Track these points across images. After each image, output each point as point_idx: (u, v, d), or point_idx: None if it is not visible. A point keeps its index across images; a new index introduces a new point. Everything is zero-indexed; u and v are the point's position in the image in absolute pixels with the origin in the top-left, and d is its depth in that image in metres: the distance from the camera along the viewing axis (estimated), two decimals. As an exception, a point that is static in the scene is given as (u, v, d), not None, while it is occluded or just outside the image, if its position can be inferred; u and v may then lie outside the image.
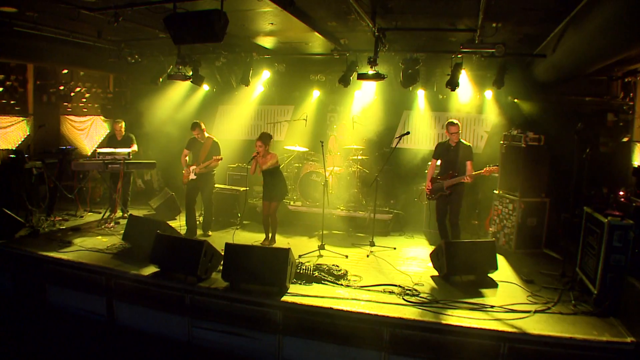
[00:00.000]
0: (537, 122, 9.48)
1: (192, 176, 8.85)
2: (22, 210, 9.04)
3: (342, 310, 5.57)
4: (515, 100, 10.10)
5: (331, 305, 5.64)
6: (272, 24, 7.63)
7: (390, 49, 8.69)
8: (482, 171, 7.50)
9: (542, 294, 6.21)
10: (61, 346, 6.41)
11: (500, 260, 7.82)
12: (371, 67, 7.62)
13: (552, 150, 8.58)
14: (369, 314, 5.47)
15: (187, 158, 9.07)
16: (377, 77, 7.72)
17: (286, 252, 6.04)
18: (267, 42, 9.75)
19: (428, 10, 6.73)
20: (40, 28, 8.73)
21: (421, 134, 11.60)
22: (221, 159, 8.78)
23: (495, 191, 8.98)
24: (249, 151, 12.37)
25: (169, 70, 10.17)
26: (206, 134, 8.97)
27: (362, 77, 7.82)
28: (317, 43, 9.12)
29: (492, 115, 10.74)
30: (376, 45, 7.53)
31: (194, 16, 5.67)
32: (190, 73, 9.95)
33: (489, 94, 10.19)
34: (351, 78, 8.60)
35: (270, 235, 8.64)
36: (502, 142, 9.00)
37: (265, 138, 8.21)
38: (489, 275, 6.77)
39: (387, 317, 5.40)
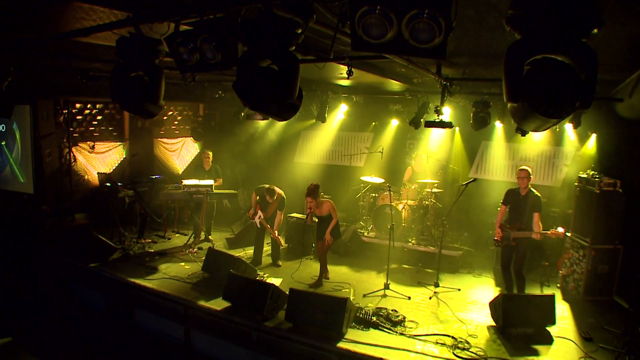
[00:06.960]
0: (621, 159, 9.03)
1: (256, 219, 9.42)
2: (117, 232, 10.12)
3: (390, 362, 5.85)
4: (595, 135, 9.72)
5: (381, 355, 5.92)
6: (341, 73, 7.96)
7: (461, 91, 8.75)
8: (549, 232, 7.33)
9: (597, 355, 6.08)
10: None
11: (565, 309, 7.76)
12: (437, 116, 7.73)
13: (635, 193, 8.23)
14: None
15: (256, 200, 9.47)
16: (444, 125, 7.77)
17: (344, 301, 6.39)
18: (343, 82, 10.09)
19: (490, 63, 6.76)
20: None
21: (499, 166, 11.53)
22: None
23: (568, 234, 8.76)
24: (329, 177, 13.03)
25: (244, 112, 10.75)
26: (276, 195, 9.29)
27: (430, 124, 7.90)
28: (391, 83, 9.32)
29: (572, 148, 10.46)
30: (443, 94, 7.60)
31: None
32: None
33: (569, 126, 9.82)
34: (422, 120, 8.72)
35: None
36: (576, 184, 8.74)
37: (313, 193, 8.35)
38: (547, 328, 6.73)
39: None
